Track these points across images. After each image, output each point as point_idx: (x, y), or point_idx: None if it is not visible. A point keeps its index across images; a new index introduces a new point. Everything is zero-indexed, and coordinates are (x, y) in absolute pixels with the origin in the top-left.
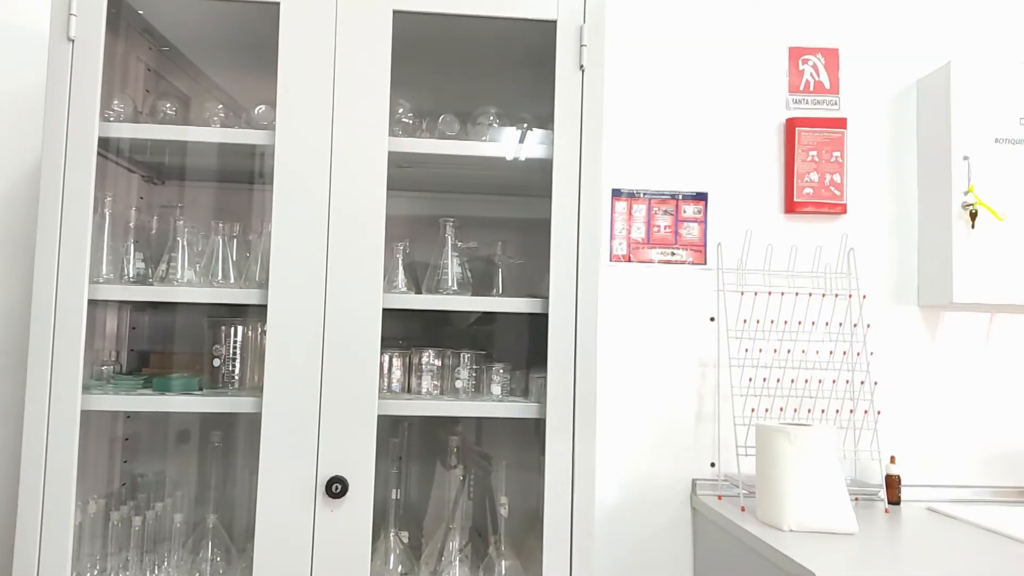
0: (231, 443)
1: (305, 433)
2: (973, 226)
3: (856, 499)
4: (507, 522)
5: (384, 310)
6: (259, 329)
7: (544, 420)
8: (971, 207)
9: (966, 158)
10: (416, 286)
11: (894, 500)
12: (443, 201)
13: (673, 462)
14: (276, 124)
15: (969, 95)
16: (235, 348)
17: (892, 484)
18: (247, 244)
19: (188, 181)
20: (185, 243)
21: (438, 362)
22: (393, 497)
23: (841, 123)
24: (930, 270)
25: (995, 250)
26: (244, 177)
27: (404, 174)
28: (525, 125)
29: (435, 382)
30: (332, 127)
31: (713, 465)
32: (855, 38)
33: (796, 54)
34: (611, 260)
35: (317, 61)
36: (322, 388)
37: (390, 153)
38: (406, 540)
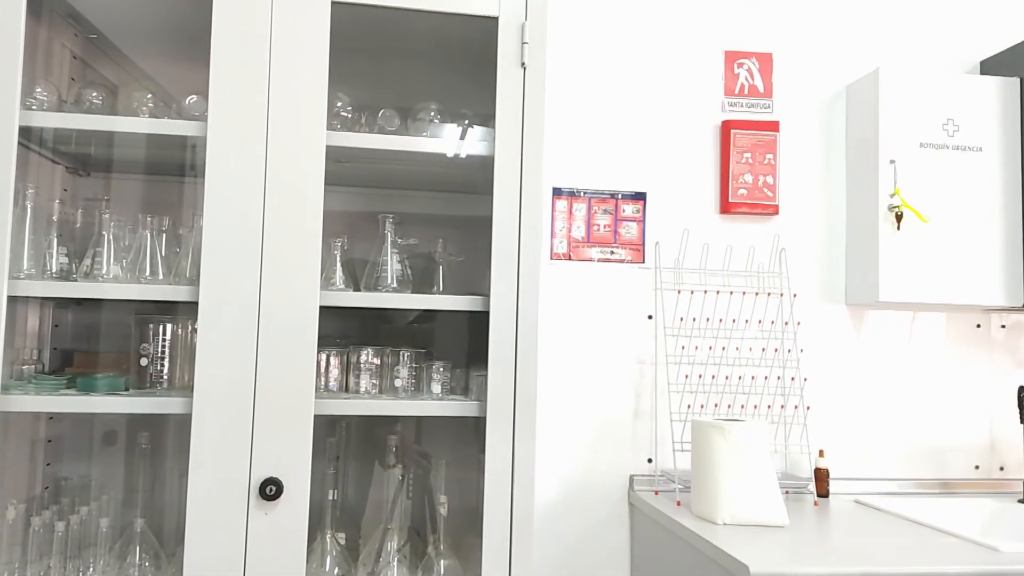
0: (160, 445)
1: (238, 434)
2: (898, 227)
3: (787, 492)
4: (446, 521)
5: (321, 308)
6: (189, 327)
7: (484, 418)
8: (897, 209)
9: (892, 162)
10: (354, 283)
11: (823, 493)
12: (383, 197)
13: (611, 458)
14: (208, 115)
15: (896, 101)
16: (164, 347)
17: (821, 477)
18: (177, 239)
19: (115, 173)
20: (111, 237)
21: (377, 360)
22: (330, 498)
23: (774, 126)
24: (857, 270)
25: (919, 251)
26: (174, 169)
27: (343, 169)
28: (466, 122)
29: (374, 381)
30: (267, 119)
31: (650, 461)
32: (788, 43)
33: (732, 58)
34: (552, 258)
35: (252, 51)
36: (256, 388)
37: (328, 147)
38: (343, 541)
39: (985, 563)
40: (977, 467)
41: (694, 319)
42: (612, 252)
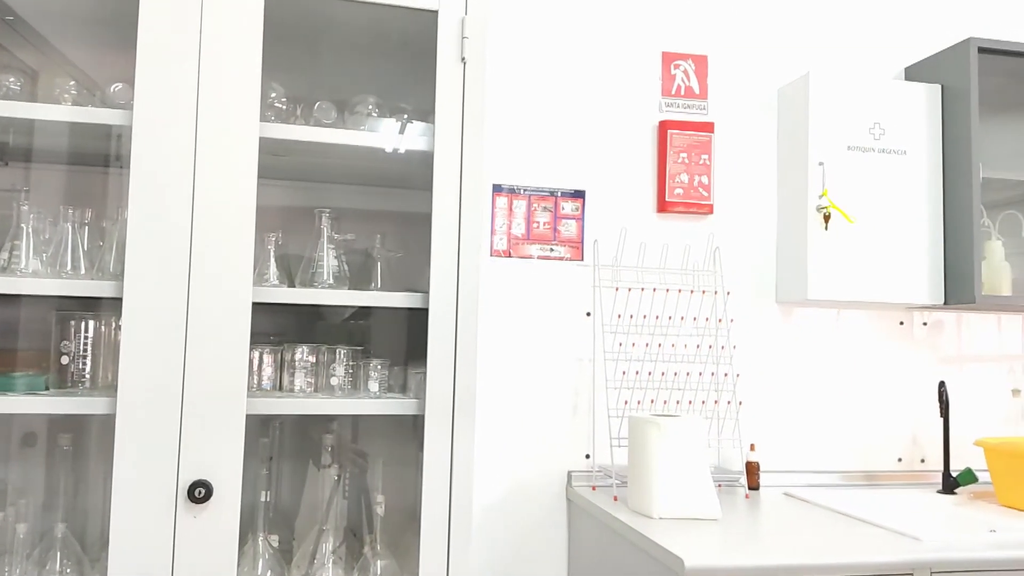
0: (83, 446)
1: (165, 435)
2: (826, 228)
3: (719, 485)
4: (383, 521)
5: (254, 304)
6: (113, 324)
7: (423, 416)
8: (825, 210)
9: (821, 164)
10: (289, 279)
11: (754, 486)
12: (319, 191)
13: (550, 455)
14: (134, 103)
15: (825, 104)
16: (86, 344)
17: (752, 471)
18: (101, 232)
19: (35, 163)
20: (31, 230)
21: (312, 358)
22: (263, 499)
23: (709, 127)
24: (787, 268)
25: (846, 251)
26: (98, 160)
27: (277, 162)
28: (405, 116)
29: (309, 379)
30: (197, 109)
31: (588, 457)
32: (723, 46)
33: (669, 59)
34: (492, 255)
35: (181, 37)
36: (184, 387)
37: (261, 139)
38: (276, 544)
39: (908, 553)
40: (900, 459)
41: (631, 316)
42: (552, 249)
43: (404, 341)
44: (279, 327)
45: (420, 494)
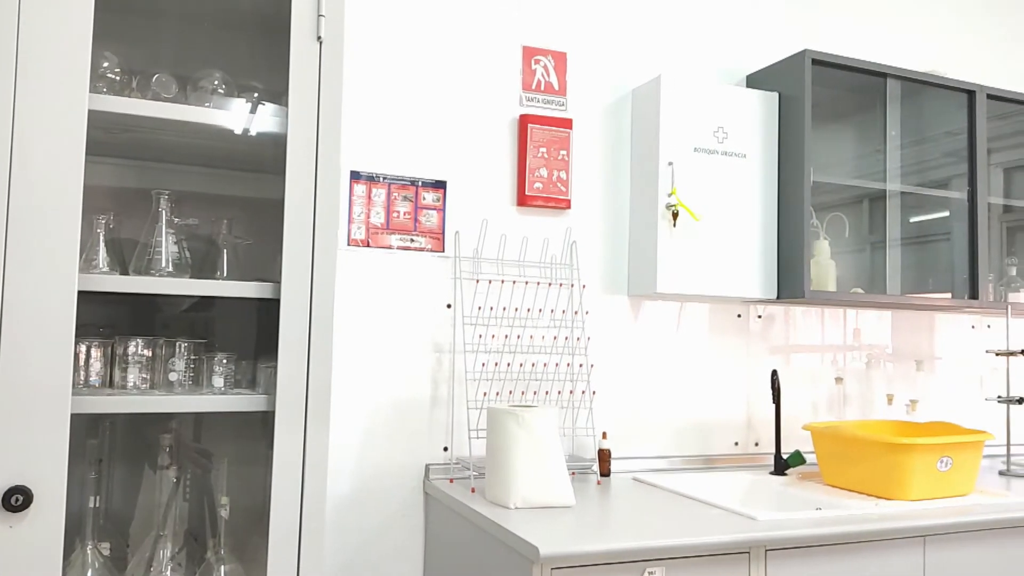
0: None
1: None
2: (675, 225)
3: (573, 473)
4: (228, 523)
5: (81, 293)
6: None
7: (273, 412)
8: (673, 208)
9: (670, 163)
10: (122, 266)
11: (605, 472)
12: (158, 172)
13: (407, 448)
14: None
15: (675, 107)
16: None
17: (604, 458)
18: None
19: None
20: None
21: (148, 352)
22: (92, 505)
23: (567, 123)
24: (638, 263)
25: (691, 247)
26: None
27: (111, 138)
28: (256, 95)
29: (144, 375)
30: (15, 74)
31: (446, 449)
32: (582, 44)
33: (529, 53)
34: (349, 244)
35: None
36: None
37: (91, 112)
38: (108, 552)
39: (745, 531)
40: (736, 443)
41: (491, 308)
42: (412, 240)
43: (253, 334)
44: (110, 318)
45: (269, 494)
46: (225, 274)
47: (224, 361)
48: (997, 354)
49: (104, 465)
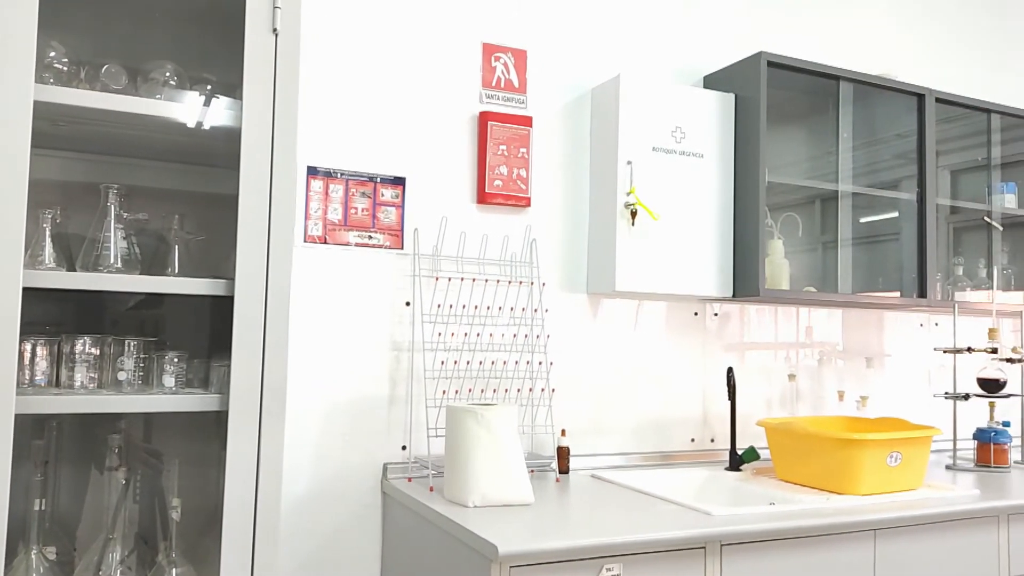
0: None
1: None
2: (633, 224)
3: (532, 471)
4: (180, 525)
5: (25, 290)
6: None
7: (227, 412)
8: (632, 207)
9: (629, 163)
10: (69, 262)
11: (564, 470)
12: (108, 166)
13: (365, 447)
14: None
15: (633, 106)
16: None
17: (563, 455)
18: None
19: None
20: None
21: (96, 351)
22: (37, 508)
23: (527, 121)
24: (597, 261)
25: (649, 245)
26: None
27: (58, 130)
28: (209, 88)
29: (92, 374)
30: None
31: (405, 448)
32: (542, 42)
33: (489, 51)
34: (306, 241)
35: None
36: None
37: (37, 103)
38: (53, 556)
39: (700, 526)
40: (693, 439)
41: (451, 306)
42: (370, 237)
43: (206, 332)
44: (57, 316)
45: (222, 496)
46: (177, 271)
47: (175, 360)
48: (944, 351)
49: (50, 467)
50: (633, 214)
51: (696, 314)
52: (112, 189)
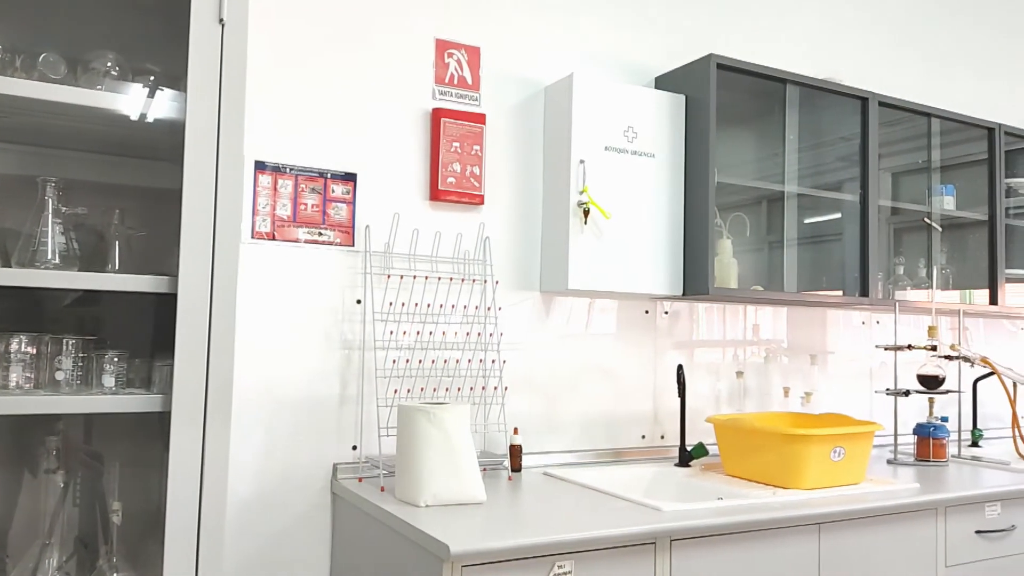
0: None
1: None
2: (585, 222)
3: (485, 469)
4: (121, 529)
5: None
6: None
7: (169, 413)
8: (585, 206)
9: (582, 162)
10: (4, 258)
11: (516, 468)
12: (44, 158)
13: (314, 448)
14: None
15: (586, 106)
16: None
17: (515, 453)
18: None
19: None
20: None
21: (32, 349)
22: None
23: (481, 118)
24: (550, 259)
25: (601, 244)
26: None
27: None
28: (152, 79)
29: (28, 374)
30: None
31: (355, 448)
32: (495, 40)
33: (443, 47)
34: (253, 237)
35: None
36: None
37: None
38: None
39: (651, 522)
40: (643, 436)
41: (403, 304)
42: (320, 233)
43: (149, 331)
44: None
45: (164, 498)
46: (117, 267)
47: (115, 359)
48: (885, 349)
49: None
50: (586, 213)
51: (647, 312)
52: (50, 182)
